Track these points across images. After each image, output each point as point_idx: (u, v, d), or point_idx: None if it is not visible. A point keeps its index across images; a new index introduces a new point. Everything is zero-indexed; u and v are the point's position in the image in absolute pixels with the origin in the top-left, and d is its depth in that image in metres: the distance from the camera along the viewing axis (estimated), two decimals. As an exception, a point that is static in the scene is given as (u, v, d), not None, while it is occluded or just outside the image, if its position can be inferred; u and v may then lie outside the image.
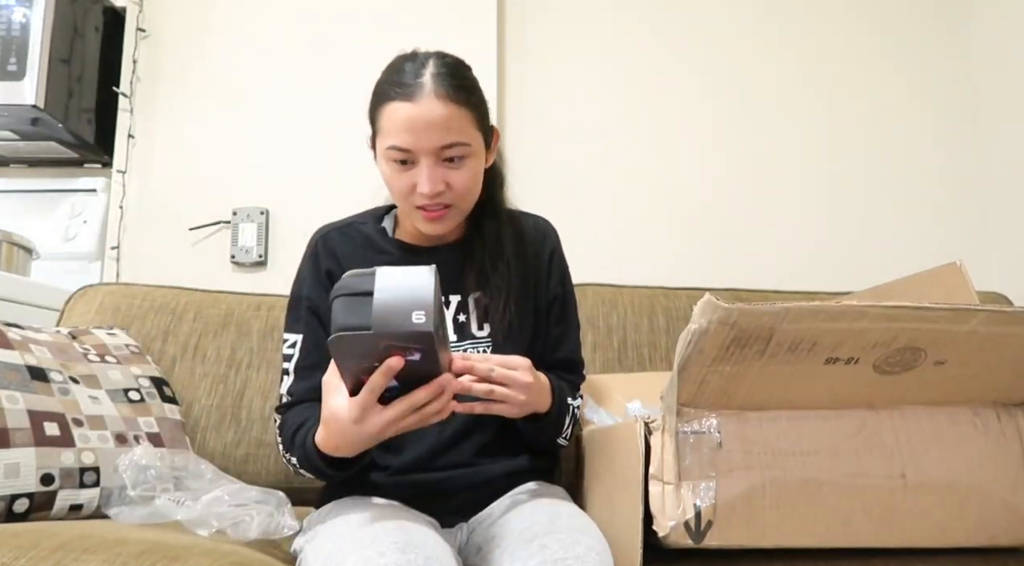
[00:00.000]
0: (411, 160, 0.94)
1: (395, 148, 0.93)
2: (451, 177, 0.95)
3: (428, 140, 0.92)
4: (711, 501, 0.80)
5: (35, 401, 1.03)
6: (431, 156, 0.93)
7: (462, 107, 0.93)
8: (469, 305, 1.05)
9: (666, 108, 2.04)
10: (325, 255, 1.07)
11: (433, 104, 0.91)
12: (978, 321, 0.77)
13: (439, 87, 0.92)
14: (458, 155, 0.94)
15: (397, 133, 0.92)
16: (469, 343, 1.04)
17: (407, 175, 0.95)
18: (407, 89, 0.92)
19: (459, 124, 0.93)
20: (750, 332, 0.75)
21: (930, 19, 2.06)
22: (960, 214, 1.98)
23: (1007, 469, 0.87)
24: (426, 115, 0.91)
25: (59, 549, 0.74)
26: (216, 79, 2.01)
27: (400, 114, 0.92)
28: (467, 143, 0.94)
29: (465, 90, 0.94)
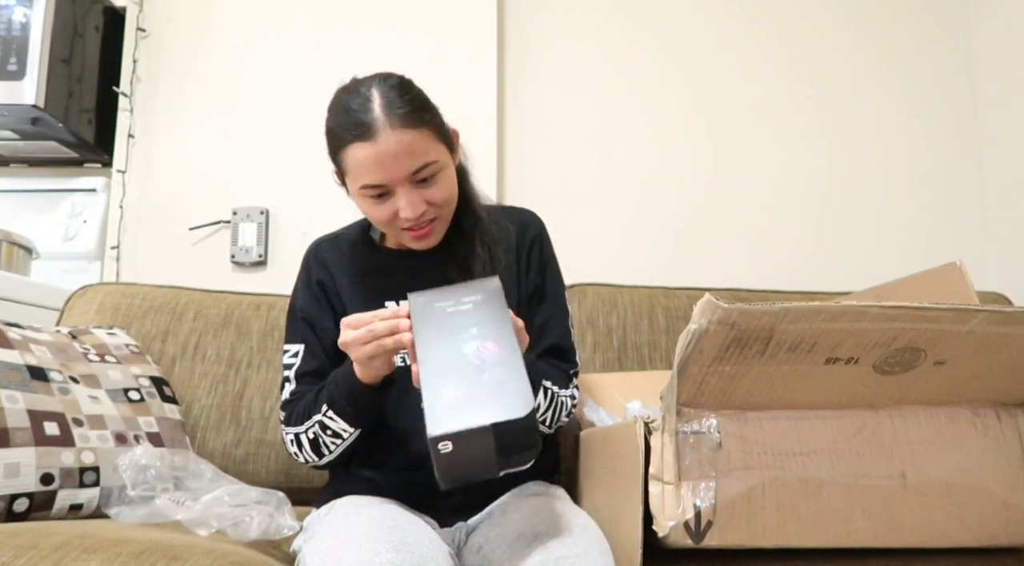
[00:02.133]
0: (387, 192, 0.95)
1: (369, 186, 0.95)
2: (429, 195, 0.96)
3: (398, 171, 0.93)
4: (711, 501, 0.80)
5: (35, 401, 1.03)
6: (405, 183, 0.94)
7: (420, 129, 0.94)
8: None
9: (666, 108, 2.04)
10: (317, 266, 1.11)
11: (391, 137, 0.92)
12: (978, 321, 0.77)
13: (391, 118, 0.92)
14: (430, 174, 0.95)
15: (366, 173, 0.94)
16: None
17: (386, 205, 0.96)
18: (362, 129, 0.92)
19: (422, 146, 0.94)
20: (750, 332, 0.75)
21: (929, 19, 2.06)
22: (960, 214, 1.98)
23: (1007, 469, 0.87)
24: (389, 150, 0.92)
25: (59, 549, 0.74)
26: (216, 79, 2.01)
27: (363, 154, 0.93)
28: (435, 160, 0.95)
29: (416, 111, 0.95)
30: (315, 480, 1.33)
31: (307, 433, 1.00)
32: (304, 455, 1.01)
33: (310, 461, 1.02)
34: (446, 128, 1.01)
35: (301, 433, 1.00)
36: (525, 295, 1.11)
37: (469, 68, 1.95)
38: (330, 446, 0.99)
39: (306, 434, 1.00)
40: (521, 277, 1.11)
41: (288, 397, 1.06)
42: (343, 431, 0.97)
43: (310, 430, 0.99)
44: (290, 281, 1.15)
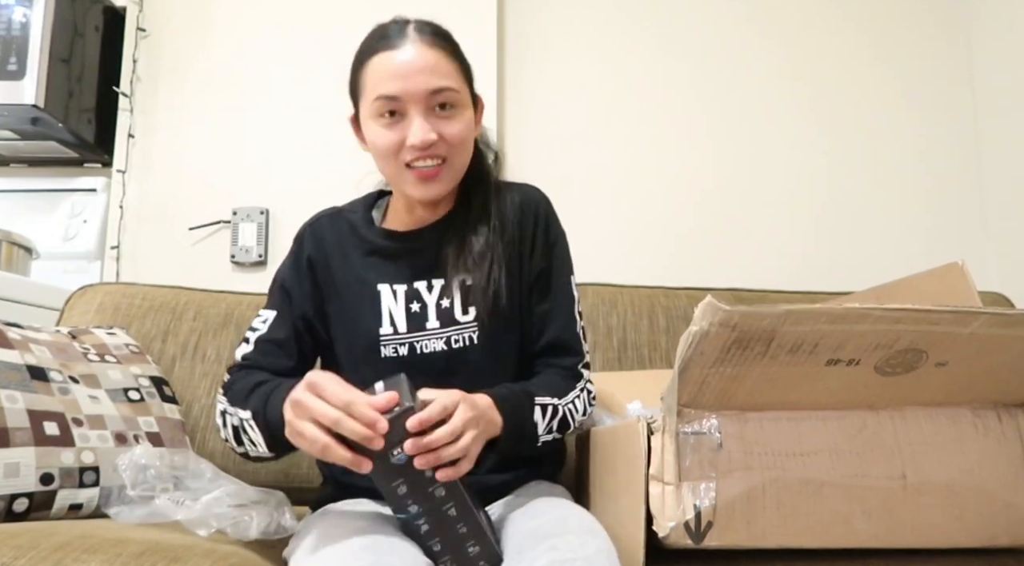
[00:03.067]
0: (400, 111, 0.91)
1: (383, 97, 0.90)
2: (443, 127, 0.92)
3: (416, 84, 0.89)
4: (711, 502, 0.80)
5: (35, 401, 1.03)
6: (421, 104, 0.90)
7: (448, 55, 0.93)
8: (453, 288, 0.99)
9: (666, 108, 2.04)
10: (311, 242, 1.05)
11: (419, 48, 0.90)
12: (980, 323, 0.77)
13: (423, 34, 0.92)
14: (448, 102, 0.92)
15: (384, 82, 0.90)
16: (454, 329, 0.98)
17: (396, 130, 0.91)
18: (390, 40, 0.91)
19: (447, 69, 0.92)
20: (751, 334, 0.75)
21: (930, 20, 2.06)
22: (960, 214, 1.98)
23: (1007, 470, 0.87)
24: (412, 59, 0.90)
25: (59, 549, 0.74)
26: (216, 79, 2.01)
27: (386, 63, 0.90)
28: (456, 89, 0.92)
29: (450, 42, 0.95)
30: (315, 480, 1.33)
31: (233, 419, 0.91)
32: (226, 434, 0.94)
33: (230, 444, 0.94)
34: (473, 84, 0.99)
35: (229, 414, 0.92)
36: (527, 281, 1.03)
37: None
38: (248, 448, 0.92)
39: (232, 419, 0.92)
40: (524, 261, 1.03)
41: (239, 361, 0.99)
42: (258, 444, 0.89)
43: (236, 417, 0.91)
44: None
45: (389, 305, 1.00)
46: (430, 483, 0.75)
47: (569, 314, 1.05)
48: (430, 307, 0.99)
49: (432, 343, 0.98)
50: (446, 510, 0.76)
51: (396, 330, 0.99)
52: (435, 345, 0.98)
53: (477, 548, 0.78)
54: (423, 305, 0.99)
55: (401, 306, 0.99)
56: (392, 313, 0.99)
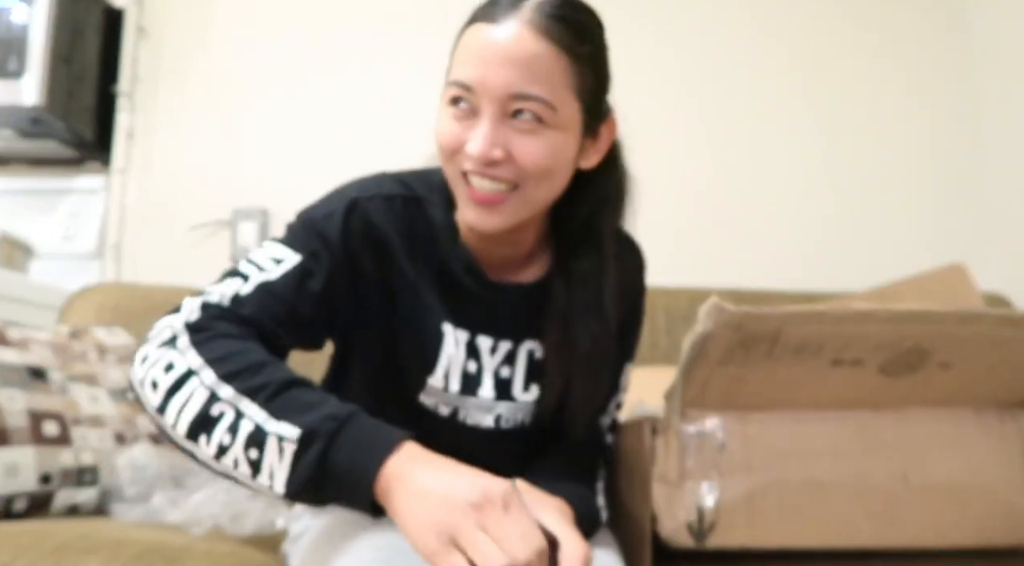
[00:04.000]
0: (471, 105, 0.69)
1: (454, 83, 0.70)
2: (515, 143, 0.69)
3: (496, 77, 0.67)
4: (714, 502, 0.80)
5: (34, 400, 1.03)
6: (496, 105, 0.68)
7: (559, 50, 0.68)
8: (519, 357, 0.81)
9: (666, 107, 2.03)
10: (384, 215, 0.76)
11: (520, 32, 0.67)
12: (984, 325, 0.77)
13: (536, 16, 0.68)
14: (533, 112, 0.68)
15: (463, 63, 0.70)
16: (506, 406, 0.81)
17: (462, 125, 0.70)
18: (494, 8, 0.69)
19: (546, 70, 0.68)
20: (756, 335, 0.75)
21: (930, 18, 2.06)
22: (960, 214, 1.98)
23: (1009, 470, 0.87)
24: (504, 43, 0.67)
25: (59, 549, 0.74)
26: (216, 79, 2.01)
27: (473, 38, 0.70)
28: (548, 101, 0.68)
29: (571, 30, 0.70)
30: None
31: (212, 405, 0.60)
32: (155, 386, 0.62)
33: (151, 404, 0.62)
34: (600, 94, 0.76)
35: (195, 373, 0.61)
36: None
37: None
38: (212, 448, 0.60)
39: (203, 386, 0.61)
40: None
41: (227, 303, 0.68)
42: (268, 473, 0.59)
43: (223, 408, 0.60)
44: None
45: (450, 353, 0.78)
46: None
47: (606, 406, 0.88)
48: (487, 372, 0.80)
49: (479, 416, 0.80)
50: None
51: (448, 387, 0.78)
52: (481, 419, 0.80)
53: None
54: (479, 367, 0.79)
55: (460, 359, 0.78)
56: (450, 364, 0.78)
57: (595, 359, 0.80)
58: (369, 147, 1.91)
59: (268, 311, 0.69)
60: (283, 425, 0.58)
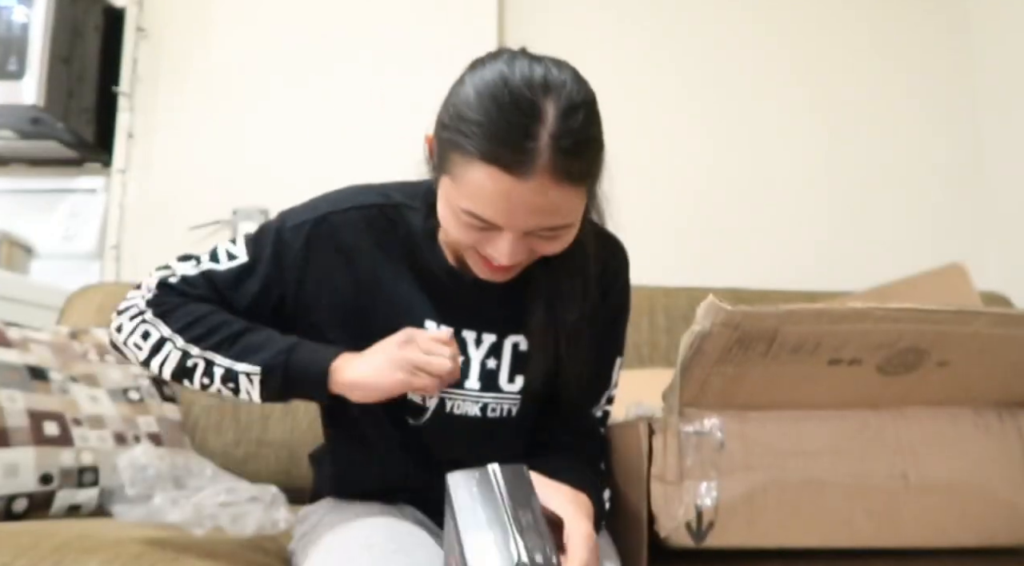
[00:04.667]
0: (492, 228, 0.70)
1: (473, 216, 0.69)
2: (540, 247, 0.73)
3: (524, 222, 0.69)
4: (712, 501, 0.80)
5: (34, 400, 1.03)
6: (520, 231, 0.70)
7: (579, 188, 0.70)
8: (504, 350, 0.84)
9: (666, 107, 2.04)
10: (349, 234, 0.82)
11: (544, 189, 0.66)
12: (981, 323, 0.77)
13: (558, 164, 0.66)
14: (556, 235, 0.72)
15: (483, 205, 0.68)
16: (493, 397, 0.84)
17: (479, 235, 0.72)
18: (513, 158, 0.65)
19: (569, 207, 0.70)
20: (753, 334, 0.75)
21: (930, 19, 2.06)
22: (960, 214, 1.98)
23: (1009, 469, 0.87)
24: (533, 199, 0.67)
25: (59, 549, 0.74)
26: (216, 79, 2.01)
27: (494, 187, 0.66)
28: (571, 224, 0.72)
29: (589, 161, 0.71)
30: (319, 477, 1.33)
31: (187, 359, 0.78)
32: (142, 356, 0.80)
33: (138, 359, 0.81)
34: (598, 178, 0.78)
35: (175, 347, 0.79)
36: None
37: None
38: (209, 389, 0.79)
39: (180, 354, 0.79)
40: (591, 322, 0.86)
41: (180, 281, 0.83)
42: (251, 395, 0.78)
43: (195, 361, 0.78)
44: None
45: None
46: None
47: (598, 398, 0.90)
48: (473, 363, 0.84)
49: (466, 405, 0.83)
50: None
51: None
52: (468, 408, 0.84)
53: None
54: (466, 359, 0.83)
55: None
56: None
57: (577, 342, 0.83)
58: (369, 147, 1.91)
59: (207, 296, 0.82)
60: (246, 365, 0.77)
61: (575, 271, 0.82)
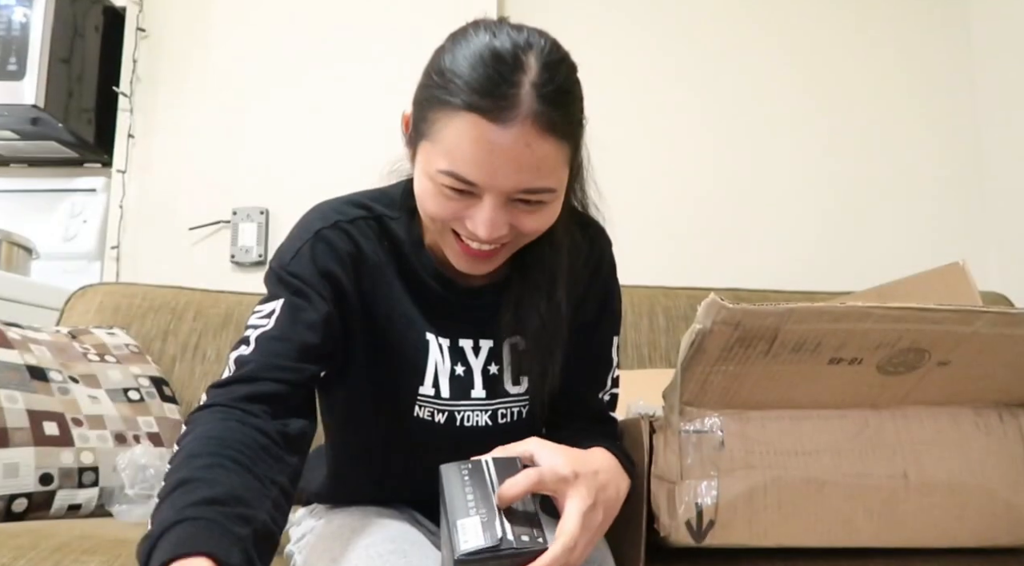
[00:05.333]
0: (471, 193, 0.67)
1: (453, 176, 0.66)
2: (521, 222, 0.70)
3: (506, 180, 0.66)
4: (713, 500, 0.80)
5: (34, 401, 1.03)
6: (501, 196, 0.67)
7: (563, 142, 0.67)
8: (503, 353, 0.83)
9: (666, 107, 2.04)
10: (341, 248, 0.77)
11: (528, 138, 0.64)
12: (982, 323, 0.77)
13: (543, 112, 0.64)
14: (538, 200, 0.69)
15: (462, 159, 0.65)
16: (502, 402, 0.82)
17: (457, 204, 0.68)
18: (495, 103, 0.63)
19: (552, 166, 0.67)
20: (754, 333, 0.75)
21: (929, 19, 2.06)
22: (960, 214, 1.98)
23: (1009, 469, 0.87)
24: (514, 150, 0.64)
25: (59, 549, 0.74)
26: (216, 79, 2.01)
27: (474, 135, 0.64)
28: (554, 189, 0.69)
29: (572, 114, 0.69)
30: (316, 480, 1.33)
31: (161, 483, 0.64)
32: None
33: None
34: (581, 143, 0.76)
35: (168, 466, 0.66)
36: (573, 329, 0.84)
37: (469, 68, 1.94)
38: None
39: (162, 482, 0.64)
40: (577, 310, 0.85)
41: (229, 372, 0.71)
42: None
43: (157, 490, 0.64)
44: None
45: (436, 360, 0.80)
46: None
47: (602, 383, 0.88)
48: (476, 372, 0.82)
49: (476, 416, 0.82)
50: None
51: (439, 393, 0.80)
52: (479, 418, 0.82)
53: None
54: (468, 369, 0.82)
55: (447, 365, 0.80)
56: (438, 371, 0.80)
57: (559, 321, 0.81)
58: (369, 147, 1.91)
59: (273, 357, 0.70)
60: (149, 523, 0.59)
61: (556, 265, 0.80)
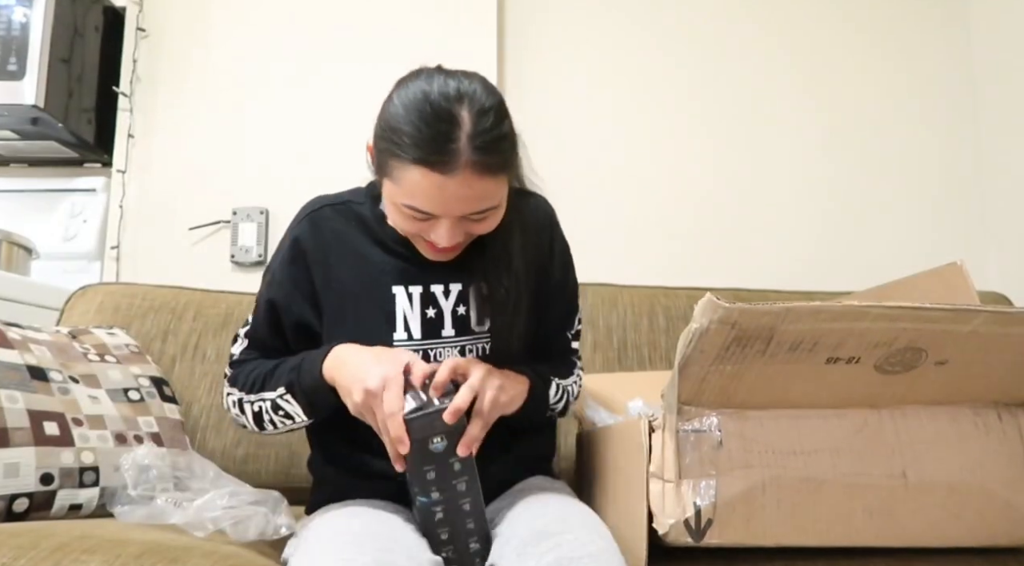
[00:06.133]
0: (429, 216, 0.85)
1: (414, 209, 0.84)
2: (474, 229, 0.88)
3: (456, 210, 0.83)
4: (711, 499, 0.80)
5: (35, 401, 1.03)
6: (454, 218, 0.85)
7: (499, 176, 0.84)
8: (470, 296, 0.97)
9: (667, 107, 2.04)
10: (310, 236, 0.98)
11: (468, 181, 0.80)
12: (979, 321, 0.77)
13: (476, 160, 0.80)
14: (486, 216, 0.87)
15: (420, 199, 0.82)
16: (468, 339, 0.97)
17: (421, 224, 0.86)
18: (438, 159, 0.79)
19: (492, 192, 0.84)
20: (751, 332, 0.75)
21: (930, 19, 2.06)
22: (960, 214, 1.98)
23: (1008, 469, 0.87)
24: (460, 191, 0.81)
25: (59, 549, 0.74)
26: (216, 79, 2.01)
27: (426, 184, 0.80)
28: (497, 205, 0.87)
29: (504, 153, 0.84)
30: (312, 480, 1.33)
31: (253, 405, 0.95)
32: (245, 421, 0.97)
33: (248, 428, 0.98)
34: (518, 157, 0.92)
35: (246, 402, 0.96)
36: (543, 292, 1.03)
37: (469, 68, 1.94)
38: (277, 424, 0.95)
39: (251, 405, 0.96)
40: (543, 272, 1.03)
41: (238, 357, 1.01)
42: (296, 415, 0.93)
43: (257, 404, 0.95)
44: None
45: (404, 309, 0.96)
46: (455, 476, 0.82)
47: (573, 323, 1.10)
48: (446, 314, 0.96)
49: (447, 352, 0.96)
50: (461, 504, 0.82)
51: (411, 336, 0.95)
52: (449, 354, 0.96)
53: (477, 545, 0.84)
54: (439, 311, 0.96)
55: (417, 311, 0.96)
56: (407, 318, 0.95)
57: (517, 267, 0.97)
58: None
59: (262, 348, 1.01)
60: (277, 391, 0.93)
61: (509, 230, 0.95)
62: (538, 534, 0.78)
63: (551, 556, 0.73)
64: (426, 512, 0.83)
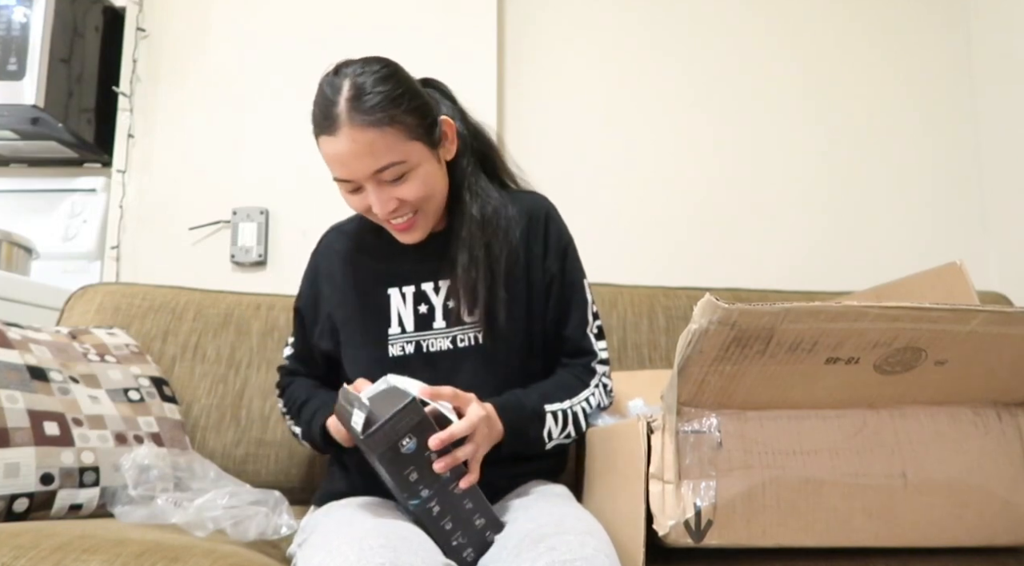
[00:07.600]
0: (357, 186, 0.95)
1: (338, 180, 0.96)
2: (400, 193, 0.95)
3: (359, 169, 0.92)
4: (711, 500, 0.80)
5: (35, 401, 1.03)
6: (371, 180, 0.93)
7: (384, 128, 0.91)
8: (459, 289, 1.03)
9: (666, 107, 2.04)
10: (323, 256, 1.15)
11: (352, 135, 0.90)
12: (979, 321, 0.77)
13: (354, 116, 0.90)
14: (396, 174, 0.94)
15: (333, 167, 0.95)
16: (459, 329, 1.04)
17: (361, 197, 0.96)
18: (327, 122, 0.92)
19: (384, 147, 0.91)
20: (750, 332, 0.75)
21: (929, 18, 2.06)
22: (960, 214, 1.98)
23: (1007, 469, 0.87)
24: (348, 148, 0.91)
25: (59, 549, 0.74)
26: (216, 79, 2.01)
27: (327, 149, 0.93)
28: (401, 161, 0.93)
29: (384, 109, 0.91)
30: (316, 480, 1.33)
31: (291, 427, 1.14)
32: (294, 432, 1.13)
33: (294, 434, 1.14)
34: (427, 120, 0.96)
35: (288, 420, 1.14)
36: (539, 286, 1.07)
37: (469, 68, 1.94)
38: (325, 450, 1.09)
39: (290, 426, 1.14)
40: (533, 267, 1.07)
41: (285, 363, 1.19)
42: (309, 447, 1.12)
43: (292, 427, 1.13)
44: (290, 281, 1.16)
45: (398, 307, 1.06)
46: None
47: (582, 316, 1.10)
48: (437, 308, 1.05)
49: (438, 342, 1.04)
50: (452, 489, 0.84)
51: (404, 329, 1.05)
52: (441, 344, 1.04)
53: (483, 520, 0.86)
54: (430, 306, 1.05)
55: (410, 308, 1.05)
56: (401, 314, 1.05)
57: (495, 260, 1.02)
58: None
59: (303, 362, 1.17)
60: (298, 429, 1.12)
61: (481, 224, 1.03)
62: (533, 537, 0.78)
63: (545, 559, 0.73)
64: (423, 512, 0.83)
